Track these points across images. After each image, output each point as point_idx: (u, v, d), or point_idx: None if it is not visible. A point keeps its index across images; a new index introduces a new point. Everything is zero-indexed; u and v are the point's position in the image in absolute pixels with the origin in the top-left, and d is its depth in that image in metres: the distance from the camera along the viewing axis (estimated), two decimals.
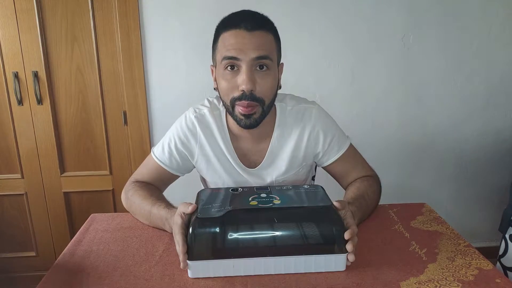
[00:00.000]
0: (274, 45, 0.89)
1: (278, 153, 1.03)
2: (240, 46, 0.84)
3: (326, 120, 1.04)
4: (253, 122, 0.90)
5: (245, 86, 0.85)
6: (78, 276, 0.77)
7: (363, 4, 1.73)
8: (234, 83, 0.87)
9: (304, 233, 0.74)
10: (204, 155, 1.03)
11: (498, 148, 1.98)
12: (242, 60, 0.85)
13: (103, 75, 1.76)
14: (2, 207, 1.89)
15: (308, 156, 1.05)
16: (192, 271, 0.74)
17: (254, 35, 0.85)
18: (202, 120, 1.01)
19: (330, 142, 1.03)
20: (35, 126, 1.78)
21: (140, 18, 1.69)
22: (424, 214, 1.02)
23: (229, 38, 0.86)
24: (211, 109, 1.02)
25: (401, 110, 1.89)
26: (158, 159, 1.03)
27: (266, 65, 0.87)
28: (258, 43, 0.85)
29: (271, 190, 0.84)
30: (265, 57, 0.86)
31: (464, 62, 1.84)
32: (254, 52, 0.84)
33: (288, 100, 1.03)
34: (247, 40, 0.84)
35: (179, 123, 1.03)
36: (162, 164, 1.03)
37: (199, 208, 0.77)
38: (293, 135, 1.01)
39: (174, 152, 1.02)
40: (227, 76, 0.88)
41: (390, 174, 1.95)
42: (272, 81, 0.89)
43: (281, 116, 1.01)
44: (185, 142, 1.02)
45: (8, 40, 1.67)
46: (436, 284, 0.73)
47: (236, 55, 0.85)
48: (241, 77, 0.86)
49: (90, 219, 1.01)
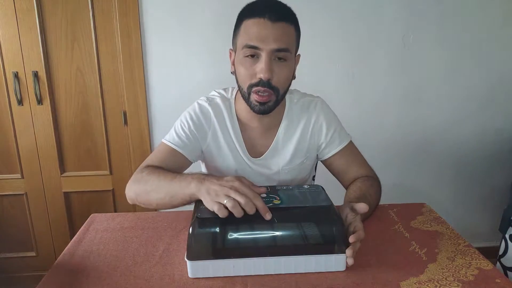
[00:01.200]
0: (294, 37, 0.91)
1: (284, 143, 1.05)
2: (262, 36, 0.86)
3: (329, 113, 1.08)
4: (266, 109, 0.93)
5: (263, 75, 0.88)
6: (78, 276, 0.77)
7: (363, 4, 1.73)
8: (252, 70, 0.89)
9: (304, 233, 0.74)
10: (215, 141, 1.03)
11: (498, 148, 1.98)
12: (263, 50, 0.87)
13: (103, 75, 1.76)
14: (2, 207, 1.89)
15: (312, 147, 1.07)
16: (192, 271, 0.74)
17: (276, 26, 0.86)
18: (215, 106, 1.03)
19: (333, 134, 1.06)
20: (35, 126, 1.78)
21: (140, 18, 1.69)
22: (424, 214, 1.02)
23: (252, 26, 0.87)
24: (222, 99, 1.05)
25: (401, 110, 1.89)
26: (170, 142, 1.00)
27: (284, 57, 0.89)
28: (280, 35, 0.87)
29: (271, 190, 0.84)
30: (284, 50, 0.88)
31: (464, 62, 1.84)
32: (275, 43, 0.86)
33: (295, 94, 1.09)
34: (269, 31, 0.86)
35: (192, 109, 1.04)
36: (175, 146, 0.99)
37: (199, 208, 0.77)
38: (299, 126, 1.05)
39: (188, 133, 1.00)
40: (246, 64, 0.90)
41: (390, 174, 1.95)
42: (288, 72, 0.92)
43: (289, 107, 1.05)
44: (198, 124, 1.02)
45: (8, 40, 1.67)
46: (436, 284, 0.73)
47: (257, 44, 0.87)
48: (260, 65, 0.88)
49: (90, 219, 1.01)
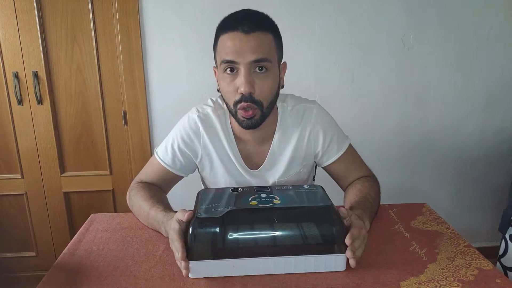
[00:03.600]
0: (273, 45, 0.88)
1: (280, 154, 1.03)
2: (237, 49, 0.84)
3: (326, 120, 1.04)
4: (254, 123, 0.91)
5: (243, 89, 0.85)
6: (78, 276, 0.77)
7: (363, 4, 1.73)
8: (233, 86, 0.87)
9: (304, 233, 0.74)
10: (207, 155, 1.03)
11: (498, 148, 1.98)
12: (240, 63, 0.84)
13: (103, 75, 1.76)
14: (2, 207, 1.89)
15: (309, 155, 1.05)
16: (192, 271, 0.74)
17: (251, 37, 0.83)
18: (205, 119, 1.01)
19: (330, 142, 1.03)
20: (35, 126, 1.78)
21: (140, 18, 1.69)
22: (424, 214, 1.02)
23: (227, 41, 0.85)
24: (214, 109, 1.02)
25: (401, 110, 1.89)
26: (161, 160, 1.03)
27: (265, 67, 0.86)
28: (256, 45, 0.84)
29: (271, 190, 0.84)
30: (263, 60, 0.85)
31: (464, 62, 1.84)
32: (251, 55, 0.84)
33: (289, 100, 1.04)
34: (244, 43, 0.83)
35: (182, 124, 1.03)
36: (165, 165, 1.03)
37: (199, 208, 0.77)
38: (294, 136, 1.02)
39: (178, 153, 1.02)
40: (226, 79, 0.88)
41: (390, 174, 1.95)
42: (271, 83, 0.89)
43: (282, 117, 1.01)
44: (188, 142, 1.01)
45: (8, 40, 1.67)
46: (436, 284, 0.73)
47: (233, 58, 0.84)
48: (239, 79, 0.86)
49: (90, 219, 1.01)
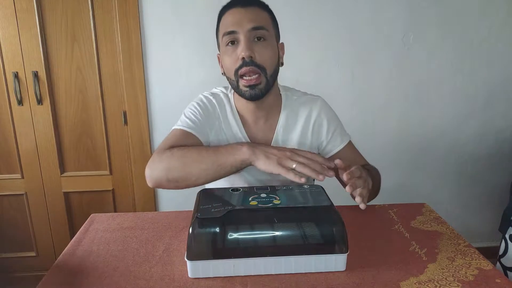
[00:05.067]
0: (269, 21, 0.94)
1: (285, 140, 1.03)
2: (237, 20, 0.89)
3: (330, 111, 1.07)
4: (258, 93, 0.92)
5: (244, 53, 0.88)
6: (78, 276, 0.77)
7: (364, 4, 1.73)
8: (235, 56, 0.90)
9: (304, 233, 0.74)
10: (219, 133, 1.00)
11: (498, 148, 1.98)
12: (240, 32, 0.89)
13: (103, 75, 1.76)
14: (2, 207, 1.89)
15: (314, 145, 1.06)
16: (192, 271, 0.74)
17: (249, 10, 0.90)
18: (219, 100, 1.03)
19: (334, 132, 1.05)
20: (35, 126, 1.78)
21: (140, 18, 1.69)
22: (424, 214, 1.02)
23: (227, 17, 0.92)
24: (223, 94, 1.05)
25: (401, 110, 1.89)
26: (183, 126, 0.96)
27: (263, 36, 0.90)
28: (253, 16, 0.90)
29: (271, 190, 0.84)
30: (261, 27, 0.90)
31: (464, 62, 1.84)
32: (249, 23, 0.89)
33: (294, 91, 1.07)
34: (243, 15, 0.90)
35: (199, 99, 1.03)
36: (188, 129, 0.95)
37: (199, 208, 0.77)
38: (299, 123, 1.03)
39: (199, 117, 0.98)
40: (228, 52, 0.91)
41: (390, 174, 1.95)
42: (271, 51, 0.92)
43: (286, 103, 1.03)
44: (207, 112, 1.00)
45: (8, 40, 1.67)
46: (436, 284, 0.73)
47: (233, 28, 0.89)
48: (240, 47, 0.90)
49: (90, 219, 1.01)
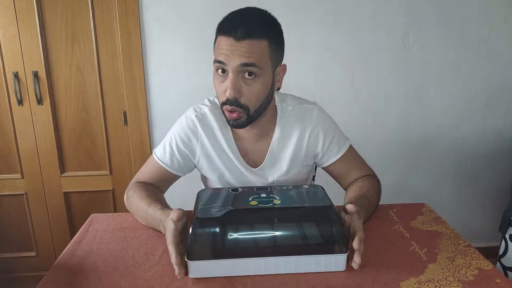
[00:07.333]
0: (266, 52, 0.87)
1: (279, 153, 1.03)
2: (227, 52, 0.85)
3: (327, 121, 1.04)
4: (240, 124, 0.92)
5: (228, 94, 0.87)
6: (78, 276, 0.77)
7: (363, 4, 1.73)
8: (223, 87, 0.89)
9: (304, 233, 0.74)
10: (205, 154, 1.03)
11: (498, 148, 1.98)
12: (229, 66, 0.86)
13: (103, 75, 1.76)
14: (2, 207, 1.89)
15: (309, 156, 1.05)
16: (192, 271, 0.74)
17: (241, 44, 0.84)
18: (202, 119, 1.02)
19: (330, 143, 1.03)
20: (35, 126, 1.78)
21: (140, 18, 1.69)
22: (424, 214, 1.02)
23: (221, 42, 0.87)
24: (211, 108, 1.03)
25: (401, 110, 1.89)
26: (159, 160, 1.03)
27: (253, 72, 0.86)
28: (245, 52, 0.84)
29: (271, 190, 0.85)
30: (251, 65, 0.85)
31: (464, 62, 1.83)
32: (240, 59, 0.84)
33: (289, 100, 1.04)
34: (234, 48, 0.85)
35: (180, 123, 1.04)
36: (163, 164, 1.03)
37: (199, 208, 0.77)
38: (294, 135, 1.02)
39: (176, 152, 1.02)
40: (218, 79, 0.90)
41: (390, 174, 1.95)
42: (259, 89, 0.89)
43: (281, 116, 1.01)
44: (186, 141, 1.02)
45: (8, 40, 1.67)
46: (436, 284, 0.73)
47: (223, 60, 0.86)
48: (228, 83, 0.87)
49: (90, 219, 1.01)
